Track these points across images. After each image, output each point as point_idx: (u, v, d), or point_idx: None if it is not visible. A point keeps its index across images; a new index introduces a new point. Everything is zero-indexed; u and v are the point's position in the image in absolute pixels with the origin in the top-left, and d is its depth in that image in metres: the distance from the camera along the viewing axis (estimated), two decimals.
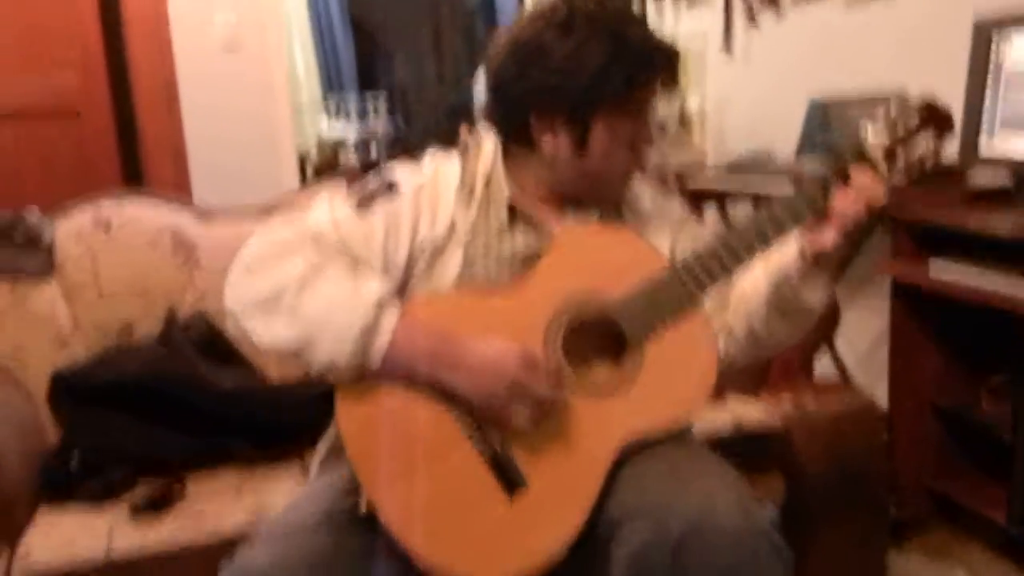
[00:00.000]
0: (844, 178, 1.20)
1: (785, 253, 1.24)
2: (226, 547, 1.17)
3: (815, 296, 1.24)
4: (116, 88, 3.19)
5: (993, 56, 1.94)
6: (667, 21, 3.82)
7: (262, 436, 1.80)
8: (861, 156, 1.21)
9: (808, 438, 1.88)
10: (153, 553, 1.49)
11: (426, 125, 6.17)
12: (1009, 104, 1.91)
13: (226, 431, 1.78)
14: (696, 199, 2.91)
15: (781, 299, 1.25)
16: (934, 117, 1.24)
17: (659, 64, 1.24)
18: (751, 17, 3.20)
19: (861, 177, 1.18)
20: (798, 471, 1.89)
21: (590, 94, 1.21)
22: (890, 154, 1.21)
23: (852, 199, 1.17)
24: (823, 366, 2.64)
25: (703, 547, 1.04)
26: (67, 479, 1.67)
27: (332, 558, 1.11)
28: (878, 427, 2.01)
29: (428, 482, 1.16)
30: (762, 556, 1.06)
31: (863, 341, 2.71)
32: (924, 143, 1.24)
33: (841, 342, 2.75)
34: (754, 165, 2.89)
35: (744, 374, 2.11)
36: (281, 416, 1.80)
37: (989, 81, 1.95)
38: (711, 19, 3.47)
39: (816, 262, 1.21)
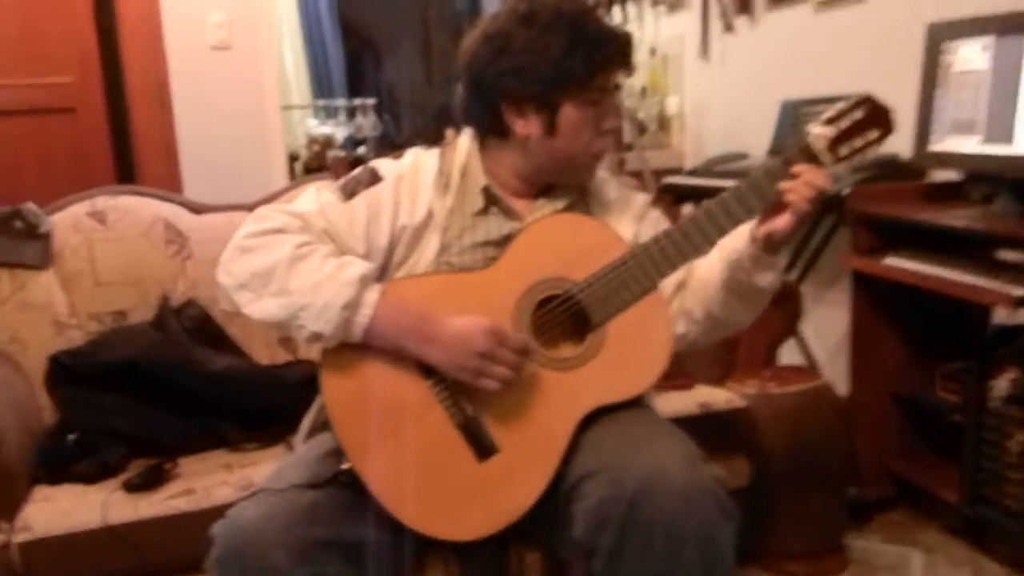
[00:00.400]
0: (790, 169, 1.30)
1: (738, 239, 1.34)
2: (217, 514, 1.25)
3: (767, 279, 1.35)
4: (110, 86, 3.27)
5: (943, 60, 2.05)
6: (647, 26, 3.93)
7: (251, 419, 1.89)
8: (806, 149, 1.31)
9: (771, 418, 1.99)
10: (147, 520, 1.57)
11: (414, 127, 6.27)
12: (957, 105, 2.02)
13: (216, 414, 1.87)
14: (674, 198, 3.01)
15: (736, 282, 1.35)
16: (876, 114, 1.35)
17: (615, 49, 1.36)
18: (727, 23, 3.31)
19: (805, 168, 1.28)
20: (762, 451, 1.99)
21: (555, 78, 1.32)
22: (833, 147, 1.32)
23: (797, 187, 1.27)
24: (793, 357, 2.75)
25: (654, 502, 1.14)
26: (63, 459, 1.75)
27: (316, 512, 1.20)
28: (837, 409, 2.12)
29: (405, 447, 1.26)
30: (708, 510, 1.16)
31: (831, 335, 2.82)
32: (865, 137, 1.34)
33: (811, 335, 2.87)
34: (729, 165, 2.99)
35: (712, 364, 2.21)
36: (269, 398, 1.89)
37: (939, 83, 2.06)
38: (689, 24, 3.58)
39: (766, 247, 1.32)
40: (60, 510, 1.60)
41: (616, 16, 3.98)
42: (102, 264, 2.04)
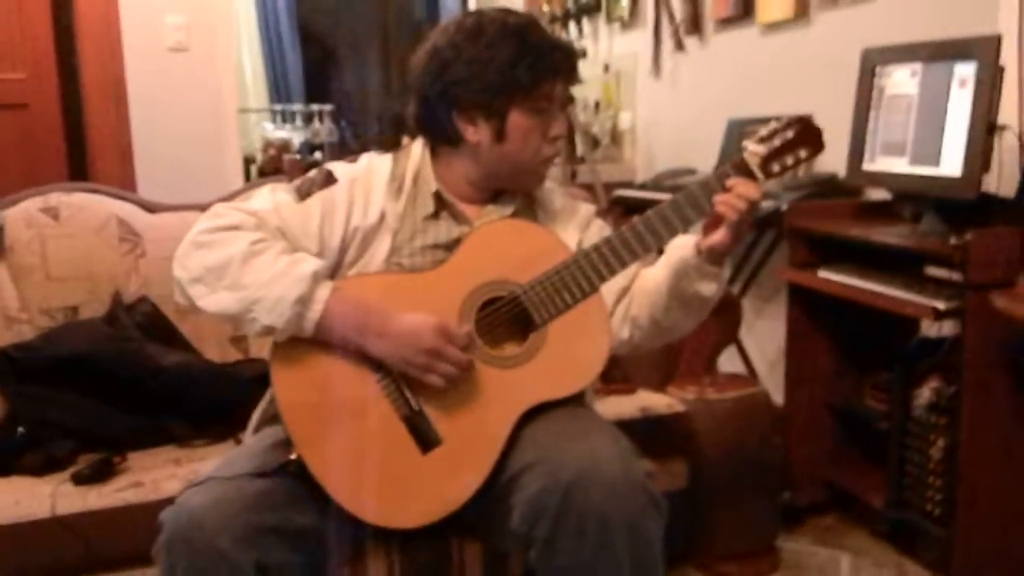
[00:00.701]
0: (725, 183, 1.37)
1: (684, 249, 1.42)
2: (165, 506, 1.28)
3: (710, 288, 1.43)
4: (65, 84, 3.26)
5: (877, 83, 2.16)
6: (602, 42, 4.03)
7: (200, 415, 1.91)
8: (741, 164, 1.39)
9: (708, 423, 2.07)
10: (96, 511, 1.60)
11: (372, 133, 6.31)
12: (889, 127, 2.13)
13: (166, 410, 1.89)
14: (624, 210, 3.09)
15: (680, 290, 1.43)
16: (807, 134, 1.43)
17: (559, 58, 1.42)
18: (678, 42, 3.41)
19: (738, 181, 1.36)
20: (699, 455, 2.07)
21: (502, 87, 1.39)
22: (765, 163, 1.40)
23: (729, 200, 1.34)
24: (736, 367, 2.84)
25: (587, 493, 1.20)
26: (11, 452, 1.76)
27: (263, 500, 1.24)
28: (772, 415, 2.20)
29: (352, 438, 1.31)
30: (638, 502, 1.22)
31: (771, 346, 2.92)
32: (796, 155, 1.42)
33: (752, 347, 2.97)
34: (677, 179, 3.08)
35: (654, 370, 2.29)
36: (219, 394, 1.92)
37: (873, 106, 2.17)
38: (642, 43, 3.68)
39: (709, 258, 1.39)
40: (8, 500, 1.60)
41: (572, 32, 4.08)
42: (54, 259, 2.04)
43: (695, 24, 3.29)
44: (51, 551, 1.57)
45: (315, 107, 5.10)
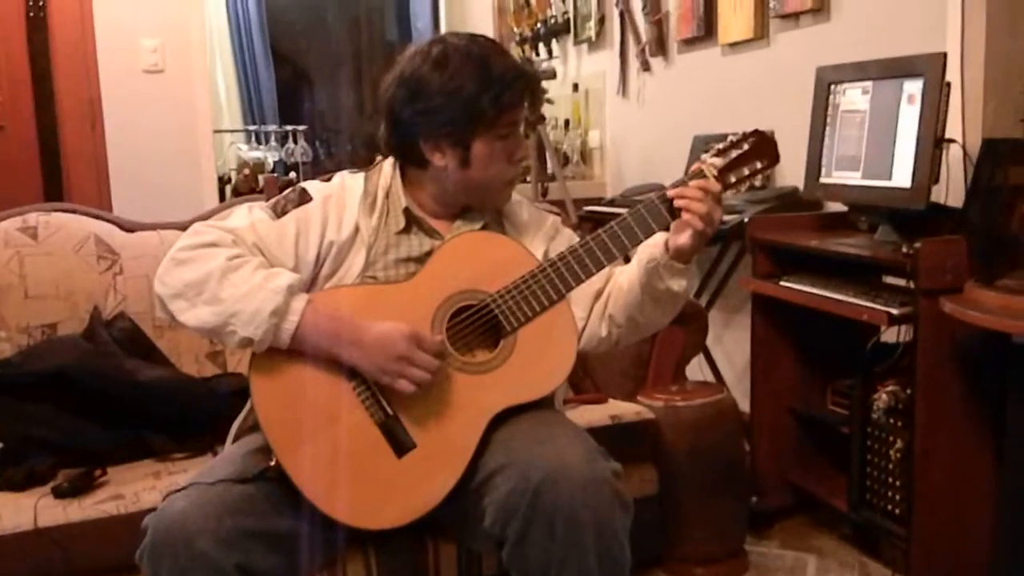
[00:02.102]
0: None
1: (655, 248, 1.49)
2: (145, 516, 1.31)
3: (680, 284, 1.50)
4: (41, 105, 3.29)
5: (832, 100, 2.25)
6: (571, 62, 4.11)
7: (179, 429, 1.94)
8: (699, 175, 1.46)
9: (676, 429, 2.13)
10: (77, 524, 1.62)
11: (345, 153, 6.37)
12: (843, 142, 2.22)
13: (145, 424, 1.92)
14: (594, 225, 3.16)
15: (652, 287, 1.49)
16: (762, 146, 1.51)
17: (522, 88, 1.48)
18: (644, 62, 3.50)
19: (697, 182, 1.44)
20: (668, 461, 2.12)
21: (467, 118, 1.44)
22: (723, 174, 1.47)
23: (690, 194, 1.42)
24: (707, 376, 2.91)
25: (556, 492, 1.26)
26: None
27: (244, 504, 1.29)
28: (739, 421, 2.27)
29: (329, 444, 1.36)
30: (605, 500, 1.28)
31: (739, 356, 3.00)
32: (752, 166, 1.50)
33: (720, 357, 3.04)
34: (646, 195, 3.15)
35: (624, 380, 2.35)
36: (197, 408, 1.95)
37: (829, 122, 2.26)
38: (609, 63, 3.77)
39: (676, 256, 1.46)
40: None
41: (541, 52, 4.16)
42: (32, 278, 2.06)
43: (660, 45, 3.38)
44: (32, 563, 1.59)
45: (289, 127, 5.15)
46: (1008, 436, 1.80)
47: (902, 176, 2.04)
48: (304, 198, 1.51)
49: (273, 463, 1.34)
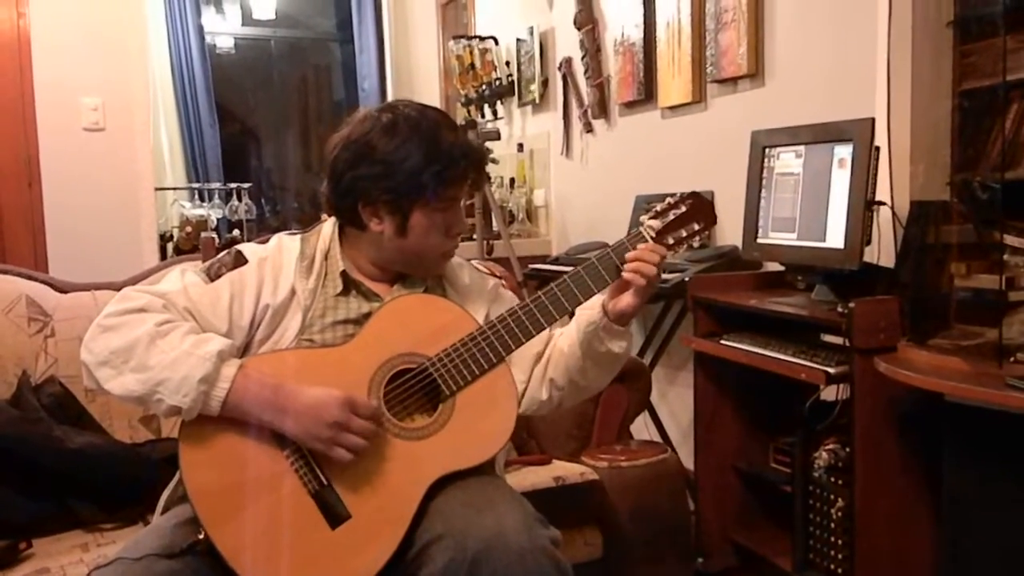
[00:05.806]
0: (625, 255, 1.46)
1: (591, 312, 1.49)
2: None
3: (619, 345, 1.51)
4: None
5: (767, 163, 2.31)
6: (516, 122, 4.17)
7: (109, 497, 1.87)
8: (638, 237, 1.48)
9: (620, 490, 2.11)
10: None
11: (291, 210, 6.34)
12: (779, 204, 2.27)
13: (73, 492, 1.85)
14: (539, 283, 3.18)
15: (592, 350, 1.50)
16: (699, 208, 1.53)
17: (466, 166, 1.48)
18: (586, 124, 3.56)
19: (646, 246, 1.45)
20: (612, 522, 2.10)
21: (408, 189, 1.44)
22: (660, 236, 1.49)
23: (639, 265, 1.43)
24: (653, 435, 2.91)
25: (494, 563, 1.23)
26: None
27: None
28: (682, 480, 2.26)
29: (260, 516, 1.31)
30: (544, 570, 1.26)
31: (684, 414, 3.01)
32: (690, 228, 1.52)
33: (665, 415, 3.05)
34: (590, 254, 3.17)
35: (568, 440, 2.33)
36: (128, 475, 1.88)
37: (764, 184, 2.31)
38: (553, 124, 3.83)
39: (618, 318, 1.47)
40: None
41: (487, 113, 4.21)
42: None
43: (602, 107, 3.45)
44: None
45: (233, 185, 5.12)
46: (945, 493, 1.82)
47: (835, 237, 2.08)
48: (239, 261, 1.49)
49: (202, 536, 1.29)
